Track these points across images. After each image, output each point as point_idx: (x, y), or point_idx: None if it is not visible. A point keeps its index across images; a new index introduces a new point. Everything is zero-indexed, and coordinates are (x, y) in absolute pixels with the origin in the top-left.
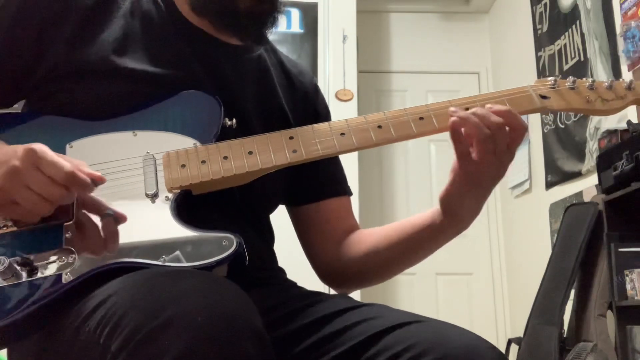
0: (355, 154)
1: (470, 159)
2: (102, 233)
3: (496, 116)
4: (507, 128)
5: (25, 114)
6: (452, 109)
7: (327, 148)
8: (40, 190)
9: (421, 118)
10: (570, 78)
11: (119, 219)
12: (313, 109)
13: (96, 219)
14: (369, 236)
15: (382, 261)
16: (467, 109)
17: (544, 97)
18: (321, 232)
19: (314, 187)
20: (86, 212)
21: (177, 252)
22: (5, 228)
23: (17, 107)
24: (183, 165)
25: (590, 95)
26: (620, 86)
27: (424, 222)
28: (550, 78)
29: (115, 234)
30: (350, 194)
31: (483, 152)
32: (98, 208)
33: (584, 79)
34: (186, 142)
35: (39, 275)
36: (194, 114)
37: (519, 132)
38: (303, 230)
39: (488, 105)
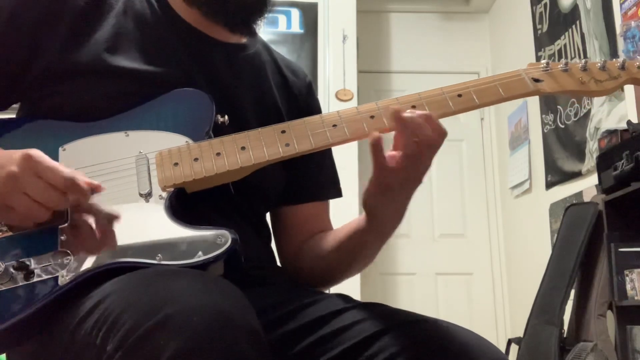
0: (355, 153)
1: (388, 173)
2: (96, 234)
3: (429, 127)
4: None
5: (17, 119)
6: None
7: (319, 140)
8: (38, 196)
9: (414, 107)
10: (563, 60)
11: (113, 219)
12: (306, 108)
13: (90, 220)
14: (321, 240)
15: (326, 266)
16: (414, 107)
17: (537, 80)
18: (289, 232)
19: (296, 190)
20: (80, 214)
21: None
22: (0, 233)
23: (15, 107)
24: (176, 164)
25: (583, 77)
26: (613, 66)
27: (353, 226)
28: (543, 61)
29: (110, 235)
30: (333, 197)
31: (405, 166)
32: (92, 209)
33: (576, 60)
34: (178, 140)
35: (36, 278)
36: (186, 111)
37: (440, 141)
38: (274, 228)
39: (409, 112)
